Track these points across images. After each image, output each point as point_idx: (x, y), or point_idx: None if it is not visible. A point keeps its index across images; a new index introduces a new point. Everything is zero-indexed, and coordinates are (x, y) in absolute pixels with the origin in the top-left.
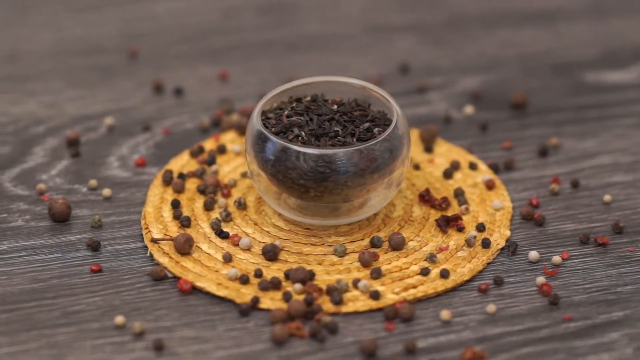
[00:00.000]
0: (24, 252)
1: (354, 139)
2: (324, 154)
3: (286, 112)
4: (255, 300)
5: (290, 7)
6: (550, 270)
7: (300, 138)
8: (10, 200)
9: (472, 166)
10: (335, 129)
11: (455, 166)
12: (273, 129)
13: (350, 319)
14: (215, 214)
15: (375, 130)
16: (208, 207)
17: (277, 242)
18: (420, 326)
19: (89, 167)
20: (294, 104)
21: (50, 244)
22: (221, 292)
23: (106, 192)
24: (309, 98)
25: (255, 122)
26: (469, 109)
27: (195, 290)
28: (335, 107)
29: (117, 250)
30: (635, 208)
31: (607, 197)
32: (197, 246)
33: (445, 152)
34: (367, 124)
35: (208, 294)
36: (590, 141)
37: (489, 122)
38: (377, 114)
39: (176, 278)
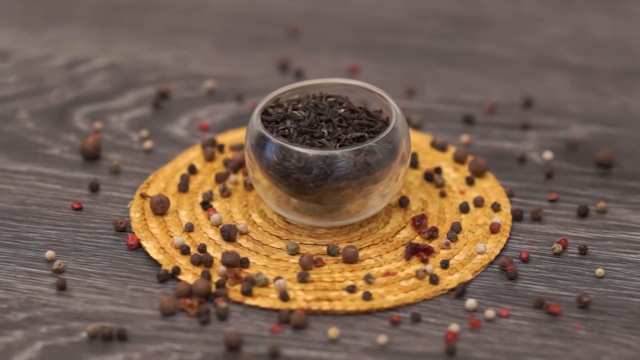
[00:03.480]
0: (33, 176)
1: (337, 145)
2: (303, 154)
3: (292, 105)
4: (175, 270)
5: (482, 22)
6: (476, 321)
7: (286, 130)
8: (67, 130)
9: (495, 207)
10: (323, 130)
11: (478, 203)
12: (270, 117)
13: (249, 311)
14: None
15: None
16: (218, 179)
17: (241, 225)
18: (304, 337)
19: (157, 119)
20: (307, 101)
21: (60, 176)
22: (157, 256)
23: (148, 144)
24: (330, 98)
25: (255, 123)
26: (547, 155)
27: (140, 248)
28: (342, 110)
29: (111, 196)
30: (622, 289)
31: (599, 271)
32: (176, 211)
33: (485, 188)
34: (359, 133)
35: (148, 255)
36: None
37: (559, 172)
38: (381, 126)
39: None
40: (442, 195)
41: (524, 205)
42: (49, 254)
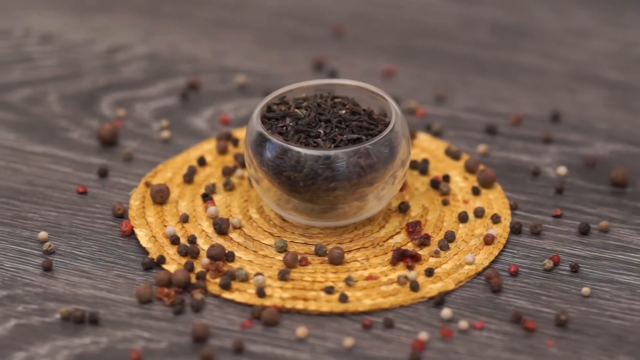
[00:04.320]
0: (47, 158)
1: (332, 145)
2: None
3: (296, 103)
4: (160, 259)
5: (528, 33)
6: (448, 331)
7: (284, 128)
8: (91, 116)
9: (494, 219)
10: (319, 130)
11: (478, 214)
12: (271, 114)
13: (225, 305)
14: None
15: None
16: (225, 172)
17: (235, 220)
18: (273, 334)
19: (182, 110)
20: (312, 100)
21: (73, 159)
22: (147, 244)
23: (165, 134)
24: (337, 99)
25: (255, 119)
26: (561, 170)
27: (133, 235)
28: (343, 112)
29: (118, 183)
30: (605, 310)
31: (585, 290)
32: (176, 201)
33: (490, 199)
34: (355, 135)
35: (139, 243)
36: None
37: (570, 188)
38: (381, 129)
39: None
40: (445, 203)
41: (527, 219)
42: (42, 234)
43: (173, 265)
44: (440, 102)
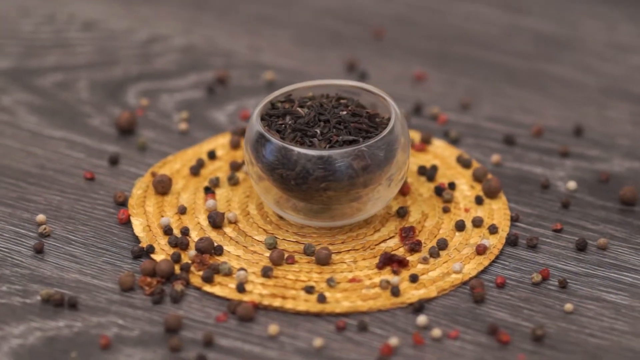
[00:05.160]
0: (64, 143)
1: (326, 146)
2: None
3: (299, 102)
4: (150, 249)
5: (569, 45)
6: (420, 338)
7: (282, 125)
8: (116, 104)
9: (492, 229)
10: (316, 130)
11: (476, 224)
12: (273, 111)
13: (204, 298)
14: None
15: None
16: (232, 167)
17: (231, 214)
18: (246, 329)
19: (206, 103)
20: (316, 99)
21: (89, 145)
22: (140, 233)
23: (183, 126)
24: (343, 100)
25: (255, 120)
26: (571, 184)
27: (129, 223)
28: (344, 113)
29: (127, 171)
30: (585, 327)
31: (567, 306)
32: (179, 193)
33: (492, 209)
34: (351, 137)
35: (134, 231)
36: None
37: (578, 203)
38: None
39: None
40: (445, 210)
41: (527, 232)
42: (40, 217)
43: (162, 255)
44: (464, 109)
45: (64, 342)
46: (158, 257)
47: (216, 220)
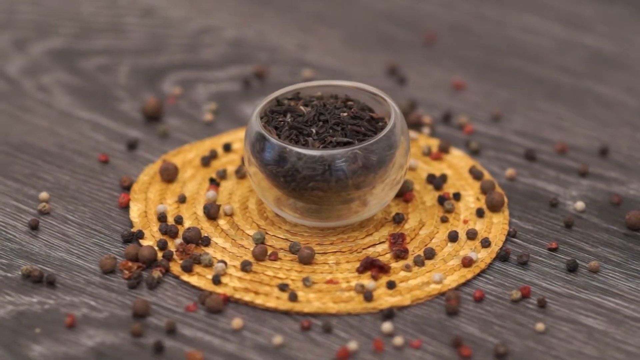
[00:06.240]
0: (89, 124)
1: (320, 146)
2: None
3: (304, 100)
4: (139, 234)
5: (621, 64)
6: (381, 345)
7: (281, 123)
8: (150, 90)
9: (484, 243)
10: (312, 129)
11: (470, 236)
12: (277, 107)
13: (180, 287)
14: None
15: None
16: (243, 160)
17: (227, 207)
18: (212, 321)
19: (238, 96)
20: (321, 99)
21: (112, 129)
22: (135, 219)
23: (208, 116)
24: (350, 101)
25: (255, 123)
26: (579, 205)
27: (128, 207)
28: (344, 114)
29: (142, 157)
30: (553, 349)
31: (539, 326)
32: (184, 182)
33: (491, 223)
34: (346, 139)
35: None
36: (629, 284)
37: (582, 224)
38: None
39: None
40: (443, 220)
41: (522, 248)
42: (43, 195)
43: (150, 241)
44: (495, 121)
45: (31, 318)
46: (146, 242)
47: (210, 212)
